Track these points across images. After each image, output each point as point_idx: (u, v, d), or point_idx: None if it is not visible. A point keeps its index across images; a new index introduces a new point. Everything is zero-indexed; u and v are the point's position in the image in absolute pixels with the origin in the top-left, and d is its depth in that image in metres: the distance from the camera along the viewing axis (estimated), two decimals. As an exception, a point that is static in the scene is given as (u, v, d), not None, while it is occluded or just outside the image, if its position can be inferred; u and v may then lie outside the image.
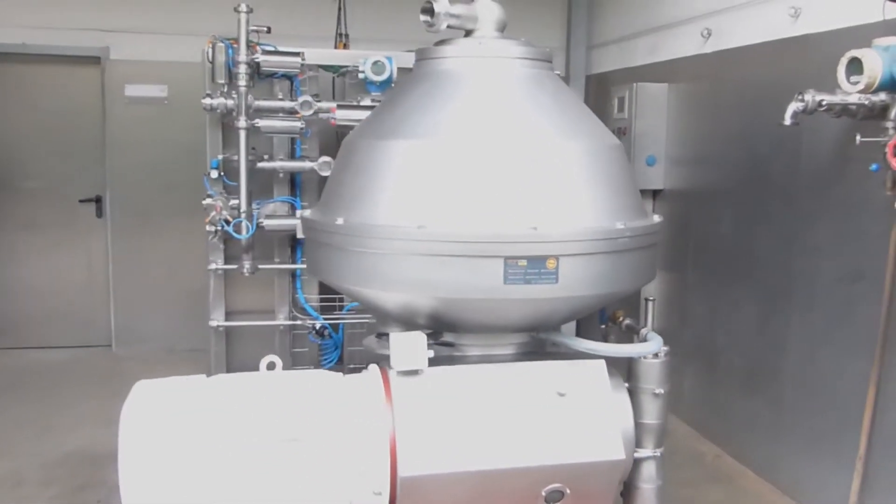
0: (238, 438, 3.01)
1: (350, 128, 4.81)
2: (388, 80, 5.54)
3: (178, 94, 7.36)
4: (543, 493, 3.16)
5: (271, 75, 5.53)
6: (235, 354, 5.99)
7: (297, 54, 5.43)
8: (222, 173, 5.67)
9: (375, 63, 5.47)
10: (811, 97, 3.87)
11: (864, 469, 4.12)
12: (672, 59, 6.10)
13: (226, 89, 5.45)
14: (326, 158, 5.57)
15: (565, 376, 3.21)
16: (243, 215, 5.35)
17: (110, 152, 7.40)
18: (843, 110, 3.91)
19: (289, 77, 5.64)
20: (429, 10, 3.31)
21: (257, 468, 3.00)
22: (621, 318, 3.62)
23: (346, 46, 6.37)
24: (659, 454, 3.46)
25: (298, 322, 5.93)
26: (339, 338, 6.10)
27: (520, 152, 3.05)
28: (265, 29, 5.35)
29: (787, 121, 4.03)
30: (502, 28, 3.44)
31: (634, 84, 6.08)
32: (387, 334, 3.54)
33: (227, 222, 5.33)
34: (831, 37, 4.48)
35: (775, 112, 4.92)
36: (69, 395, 6.51)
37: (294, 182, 5.83)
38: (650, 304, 3.45)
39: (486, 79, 3.27)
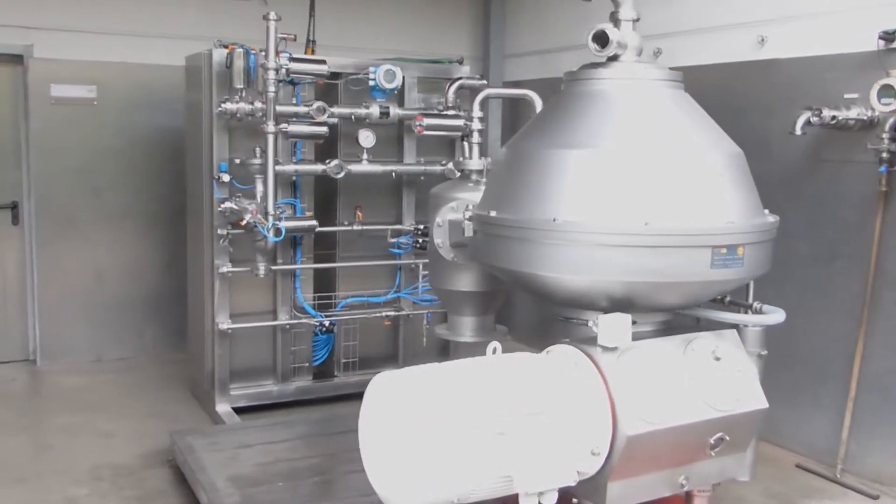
0: (485, 414, 3.38)
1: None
2: (394, 88, 5.91)
3: (108, 96, 7.12)
4: (711, 441, 3.83)
5: (289, 82, 5.67)
6: (234, 356, 6.03)
7: (322, 61, 5.62)
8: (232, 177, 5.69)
9: (387, 71, 5.80)
10: (827, 112, 4.85)
11: (853, 408, 5.20)
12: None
13: (244, 94, 5.51)
14: (336, 161, 5.81)
15: (716, 344, 3.90)
16: (271, 219, 5.46)
17: (34, 156, 7.00)
18: (844, 124, 4.93)
19: (293, 82, 5.79)
20: (601, 38, 3.86)
21: (502, 440, 3.39)
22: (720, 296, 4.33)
23: (313, 52, 6.57)
24: (759, 405, 4.23)
25: (304, 321, 6.10)
26: (332, 335, 6.33)
27: (701, 159, 3.70)
28: (292, 37, 5.49)
29: (798, 131, 4.99)
30: (640, 53, 4.05)
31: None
32: (565, 318, 4.05)
33: (261, 224, 5.40)
34: (796, 63, 5.52)
35: (743, 125, 5.93)
36: (31, 412, 6.20)
37: (294, 184, 5.99)
38: (751, 282, 4.22)
39: (649, 97, 3.88)
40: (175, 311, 7.34)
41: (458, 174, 6.16)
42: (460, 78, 6.19)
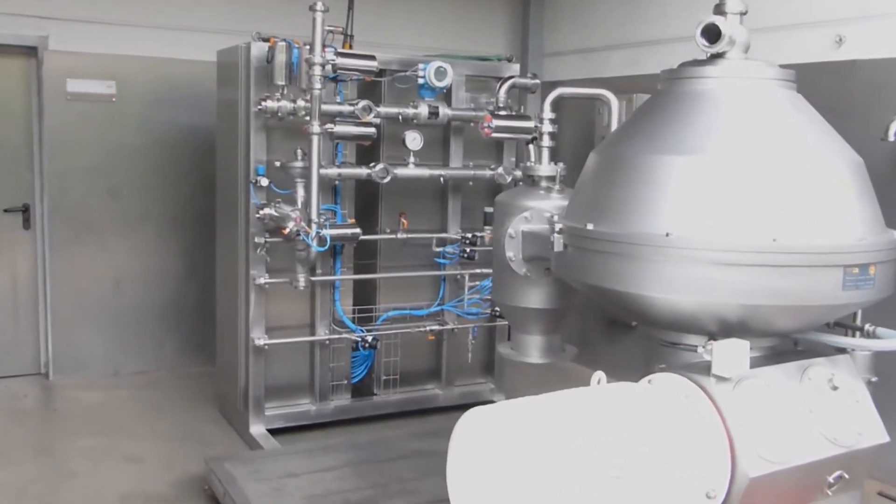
0: (598, 455, 2.99)
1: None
2: (444, 87, 5.52)
3: (128, 92, 6.70)
4: (830, 480, 3.45)
5: (332, 79, 5.27)
6: (268, 373, 5.61)
7: (371, 57, 5.22)
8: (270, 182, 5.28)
9: (438, 69, 5.41)
10: (927, 117, 4.49)
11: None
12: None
13: (285, 91, 5.11)
14: (382, 165, 5.41)
15: (831, 371, 3.51)
16: (315, 226, 5.05)
17: (47, 155, 6.56)
18: (941, 129, 4.57)
19: (335, 80, 5.39)
20: (712, 32, 3.47)
21: (618, 483, 3.01)
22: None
23: (351, 47, 6.15)
24: (867, 435, 3.85)
25: (345, 336, 5.68)
26: (372, 351, 5.90)
27: (826, 168, 3.32)
28: (340, 30, 5.09)
29: (892, 137, 4.63)
30: (746, 50, 3.67)
31: (634, 95, 6.45)
32: (671, 343, 3.66)
33: (305, 233, 4.99)
34: (878, 64, 5.15)
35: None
36: (47, 433, 5.75)
37: (335, 189, 5.58)
38: (860, 303, 3.84)
39: (763, 98, 3.50)
40: (197, 322, 6.95)
41: (508, 180, 5.87)
42: (512, 77, 5.80)
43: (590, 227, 3.45)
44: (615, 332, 7.01)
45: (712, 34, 3.48)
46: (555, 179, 4.40)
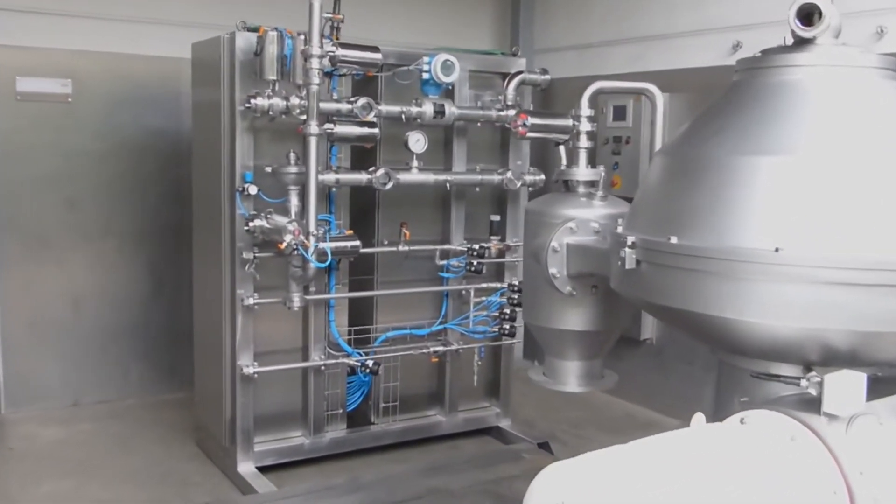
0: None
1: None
2: (451, 83, 4.99)
3: (86, 91, 6.03)
4: (946, 529, 3.01)
5: (327, 73, 4.70)
6: (256, 403, 5.01)
7: (375, 49, 4.65)
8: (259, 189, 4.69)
9: (445, 63, 4.87)
10: None
11: None
12: (676, 69, 6.13)
13: (276, 87, 4.53)
14: (383, 170, 4.85)
15: (939, 402, 3.08)
16: (314, 239, 4.47)
17: (-6, 162, 5.85)
18: None
19: (330, 74, 4.83)
20: (811, 14, 2.99)
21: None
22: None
23: (338, 40, 5.57)
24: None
25: (342, 361, 5.10)
26: (369, 376, 5.32)
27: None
28: (341, 18, 4.52)
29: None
30: (838, 34, 3.21)
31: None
32: (768, 376, 3.16)
33: (304, 247, 4.41)
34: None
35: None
36: (3, 477, 5.06)
37: (329, 197, 5.00)
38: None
39: (867, 90, 3.04)
40: (166, 345, 6.37)
41: (518, 185, 5.37)
42: (521, 72, 5.31)
43: (673, 240, 2.95)
44: (621, 347, 6.55)
45: (810, 16, 3.01)
46: (597, 185, 3.91)
